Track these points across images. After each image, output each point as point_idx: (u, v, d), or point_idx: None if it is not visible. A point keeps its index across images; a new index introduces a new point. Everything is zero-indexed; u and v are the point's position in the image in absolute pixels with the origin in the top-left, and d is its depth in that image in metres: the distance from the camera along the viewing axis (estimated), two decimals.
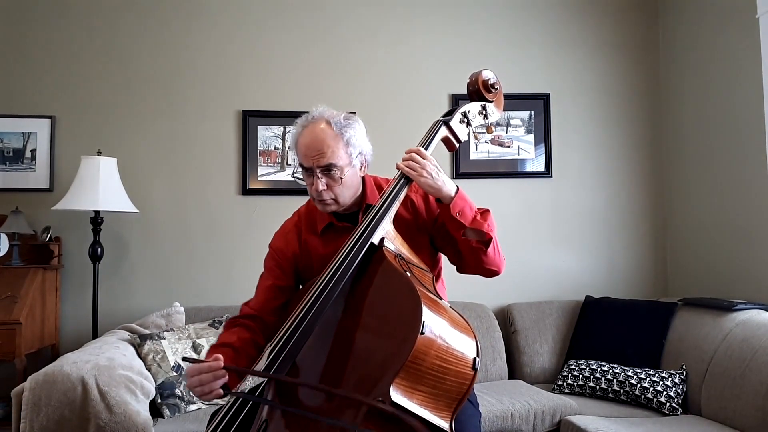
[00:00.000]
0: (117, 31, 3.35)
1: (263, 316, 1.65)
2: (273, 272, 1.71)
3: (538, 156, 3.62)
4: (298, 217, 1.78)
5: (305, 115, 1.64)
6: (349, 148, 1.60)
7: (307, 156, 1.59)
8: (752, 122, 3.02)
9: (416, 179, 1.52)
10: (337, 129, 1.59)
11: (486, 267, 1.59)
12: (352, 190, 1.65)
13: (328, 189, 1.59)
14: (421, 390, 1.21)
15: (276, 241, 1.76)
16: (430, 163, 1.54)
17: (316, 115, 1.62)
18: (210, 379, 1.33)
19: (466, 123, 1.71)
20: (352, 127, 1.62)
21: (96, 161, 2.98)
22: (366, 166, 1.70)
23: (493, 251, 1.57)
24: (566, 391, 2.92)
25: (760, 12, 2.95)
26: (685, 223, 3.54)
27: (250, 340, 1.58)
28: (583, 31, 3.70)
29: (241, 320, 1.64)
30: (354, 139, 1.61)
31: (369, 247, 1.44)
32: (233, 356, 1.51)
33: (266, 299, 1.67)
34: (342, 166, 1.59)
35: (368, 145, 1.68)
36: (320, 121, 1.60)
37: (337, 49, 3.49)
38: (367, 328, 1.33)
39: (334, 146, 1.57)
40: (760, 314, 2.70)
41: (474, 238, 1.55)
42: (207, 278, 3.32)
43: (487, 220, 1.56)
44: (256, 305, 1.67)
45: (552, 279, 3.59)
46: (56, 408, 2.15)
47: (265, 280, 1.71)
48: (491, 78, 1.74)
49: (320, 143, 1.57)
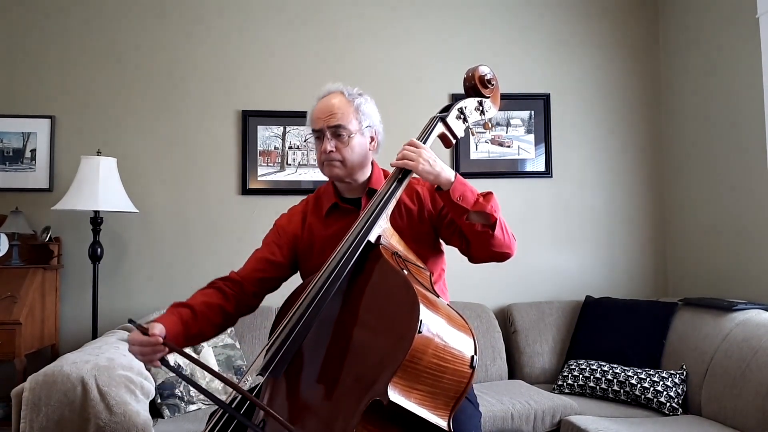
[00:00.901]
0: (117, 31, 3.35)
1: (245, 284, 1.69)
2: (269, 246, 1.76)
3: (538, 156, 3.62)
4: (306, 203, 1.84)
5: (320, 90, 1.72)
6: (360, 115, 1.68)
7: (318, 118, 1.67)
8: (752, 122, 3.02)
9: (413, 168, 1.53)
10: (349, 97, 1.69)
11: (495, 250, 1.58)
12: (360, 158, 1.69)
13: (337, 150, 1.65)
14: (418, 388, 1.21)
15: (281, 219, 1.83)
16: (425, 150, 1.55)
17: (331, 87, 1.72)
18: (149, 351, 1.38)
19: (462, 119, 1.71)
20: (363, 98, 1.71)
21: (96, 161, 2.98)
22: (377, 144, 1.75)
23: (501, 233, 1.55)
24: (566, 391, 2.92)
25: (760, 12, 2.95)
26: (686, 223, 3.54)
27: (217, 305, 1.62)
28: (583, 31, 3.70)
29: (220, 282, 1.69)
30: (365, 108, 1.69)
31: (366, 245, 1.44)
32: (190, 319, 1.55)
33: (254, 269, 1.72)
34: (351, 129, 1.66)
35: (380, 124, 1.75)
36: (334, 92, 1.70)
37: (337, 49, 3.49)
38: (365, 326, 1.33)
39: (345, 110, 1.66)
40: (760, 314, 2.69)
41: (479, 222, 1.54)
42: (207, 278, 3.27)
43: (490, 201, 1.55)
44: (242, 272, 1.72)
45: (552, 279, 3.59)
46: (56, 408, 2.15)
47: (259, 252, 1.76)
48: (488, 73, 1.74)
49: (332, 106, 1.66)
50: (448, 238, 1.71)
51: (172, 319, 1.52)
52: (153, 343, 1.37)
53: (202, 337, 1.61)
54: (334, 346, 1.36)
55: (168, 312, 1.55)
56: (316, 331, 1.38)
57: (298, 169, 3.42)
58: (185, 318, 1.54)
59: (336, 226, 1.66)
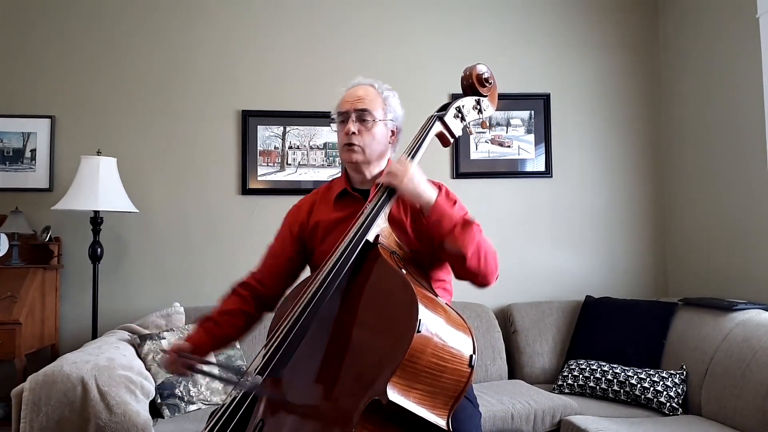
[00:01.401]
0: (117, 32, 3.35)
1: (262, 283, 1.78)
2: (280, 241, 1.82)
3: (538, 156, 3.62)
4: (316, 192, 1.87)
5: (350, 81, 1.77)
6: (386, 106, 1.72)
7: (346, 101, 1.71)
8: (752, 122, 3.02)
9: (396, 186, 1.52)
10: (379, 89, 1.73)
11: (470, 278, 1.57)
12: (380, 148, 1.71)
13: (359, 134, 1.67)
14: (417, 388, 1.21)
15: (289, 212, 1.87)
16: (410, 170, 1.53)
17: (361, 79, 1.77)
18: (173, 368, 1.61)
19: (460, 118, 1.72)
20: (392, 92, 1.76)
21: (96, 161, 2.98)
22: (396, 138, 1.78)
23: (477, 263, 1.51)
24: (566, 391, 2.92)
25: (760, 12, 2.95)
26: (686, 223, 3.54)
27: (237, 310, 1.74)
28: (583, 31, 3.70)
29: (239, 288, 1.79)
30: (391, 101, 1.74)
31: (364, 245, 1.44)
32: (214, 328, 1.70)
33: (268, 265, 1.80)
34: (376, 115, 1.69)
35: (402, 121, 1.78)
36: (364, 83, 1.75)
37: (337, 49, 3.49)
38: (364, 326, 1.33)
39: (373, 98, 1.70)
40: (760, 314, 2.69)
41: (453, 250, 1.52)
42: (207, 278, 3.32)
43: (466, 234, 1.49)
44: (257, 271, 1.81)
45: (552, 279, 3.59)
46: (56, 408, 2.15)
47: (272, 247, 1.83)
48: (485, 72, 1.74)
49: (362, 92, 1.71)
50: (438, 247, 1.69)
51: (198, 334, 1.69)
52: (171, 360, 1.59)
53: (228, 338, 1.76)
54: (333, 346, 1.36)
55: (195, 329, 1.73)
56: (314, 331, 1.38)
57: (298, 169, 3.42)
58: (209, 329, 1.70)
59: (343, 212, 1.68)
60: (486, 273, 1.55)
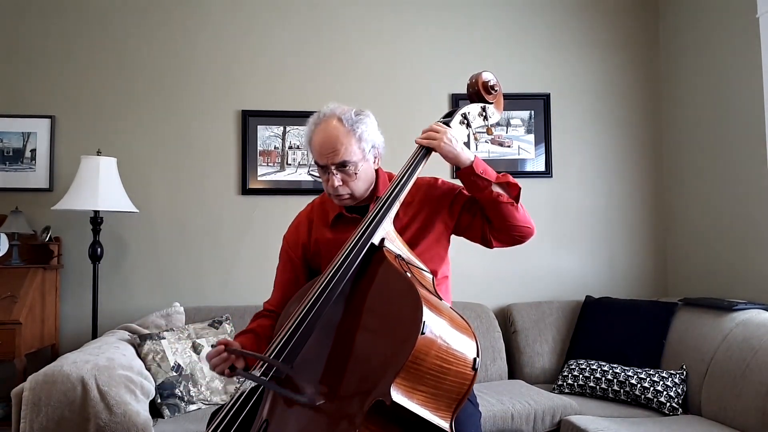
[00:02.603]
0: (117, 32, 3.35)
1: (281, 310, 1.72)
2: (286, 266, 1.80)
3: (538, 156, 3.62)
4: (311, 208, 1.84)
5: (317, 113, 1.69)
6: (362, 143, 1.64)
7: (321, 154, 1.63)
8: (752, 122, 3.02)
9: (437, 146, 1.58)
10: (349, 125, 1.62)
11: (519, 224, 1.63)
12: (367, 184, 1.70)
13: (344, 184, 1.64)
14: (421, 390, 1.21)
15: (288, 234, 1.84)
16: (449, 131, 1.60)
17: (327, 112, 1.66)
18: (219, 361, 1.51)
19: (466, 124, 1.72)
20: (363, 122, 1.65)
21: (96, 161, 2.98)
22: (379, 158, 1.74)
23: (522, 209, 1.63)
24: (566, 391, 2.92)
25: (760, 12, 2.95)
26: (685, 223, 3.54)
27: (270, 326, 1.71)
28: (583, 31, 3.70)
29: (263, 312, 1.78)
30: (366, 134, 1.65)
31: (369, 248, 1.44)
32: (254, 340, 1.66)
33: (282, 294, 1.76)
34: (356, 161, 1.62)
35: (380, 138, 1.72)
36: (332, 118, 1.64)
37: (337, 49, 3.49)
38: (368, 328, 1.34)
39: (347, 143, 1.61)
40: (760, 314, 2.70)
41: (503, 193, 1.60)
42: (207, 278, 3.32)
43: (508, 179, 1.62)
44: (273, 301, 1.78)
45: (552, 279, 3.59)
46: (56, 408, 2.15)
47: (281, 275, 1.81)
48: (491, 79, 1.75)
49: (334, 141, 1.60)
50: (468, 225, 1.72)
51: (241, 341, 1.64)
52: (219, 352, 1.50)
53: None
54: (337, 348, 1.36)
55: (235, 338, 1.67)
56: (319, 332, 1.39)
57: (298, 169, 3.42)
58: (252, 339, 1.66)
59: (341, 235, 1.64)
60: (530, 220, 1.66)
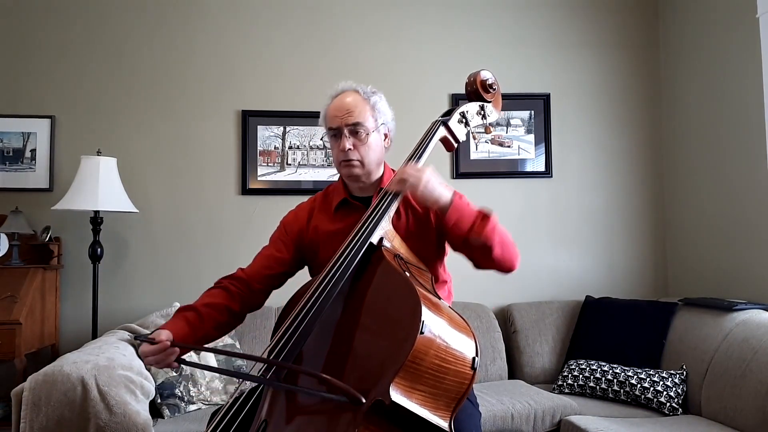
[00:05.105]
0: (117, 32, 3.35)
1: (251, 282, 1.71)
2: (275, 244, 1.79)
3: (538, 156, 3.62)
4: (314, 200, 1.84)
5: (334, 89, 1.73)
6: (375, 113, 1.69)
7: (336, 116, 1.66)
8: (752, 122, 3.02)
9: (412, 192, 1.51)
10: (365, 95, 1.70)
11: (496, 266, 1.58)
12: (377, 156, 1.70)
13: (355, 149, 1.65)
14: (420, 389, 1.21)
15: (287, 216, 1.84)
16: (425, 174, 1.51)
17: (344, 86, 1.72)
18: (162, 357, 1.43)
19: (464, 123, 1.72)
20: (378, 95, 1.73)
21: (96, 161, 2.98)
22: (390, 141, 1.76)
23: (500, 251, 1.53)
24: (566, 391, 2.92)
25: (760, 12, 2.95)
26: (685, 223, 3.54)
27: (222, 305, 1.64)
28: (583, 31, 3.70)
29: (226, 281, 1.71)
30: (380, 105, 1.71)
31: (368, 247, 1.44)
32: (196, 321, 1.58)
33: (260, 266, 1.74)
34: (368, 127, 1.66)
35: (392, 122, 1.76)
36: (349, 90, 1.71)
37: (337, 49, 3.49)
38: (367, 327, 1.33)
39: (362, 108, 1.67)
40: (760, 314, 2.70)
41: (477, 244, 1.53)
42: (207, 278, 3.25)
43: (486, 226, 1.51)
44: (248, 270, 1.74)
45: (552, 279, 3.59)
46: (56, 408, 2.15)
47: (266, 249, 1.79)
48: (489, 78, 1.75)
49: (349, 104, 1.67)
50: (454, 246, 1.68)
51: (178, 323, 1.55)
52: (162, 349, 1.42)
53: (209, 337, 1.63)
54: (336, 348, 1.36)
55: (174, 317, 1.58)
56: (318, 333, 1.39)
57: (298, 169, 3.42)
58: (191, 320, 1.57)
59: (343, 222, 1.67)
60: (511, 258, 1.58)
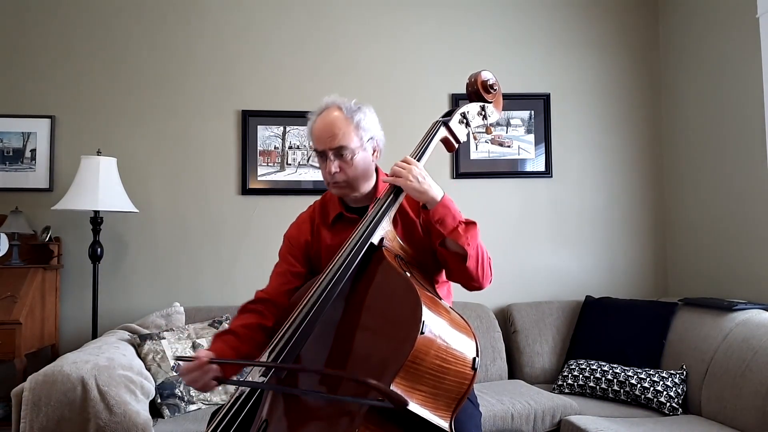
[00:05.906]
0: (117, 32, 3.35)
1: (275, 300, 1.70)
2: (286, 259, 1.77)
3: (538, 156, 3.62)
4: (312, 209, 1.83)
5: (319, 105, 1.71)
6: (360, 131, 1.66)
7: (320, 139, 1.65)
8: (752, 122, 3.02)
9: (402, 184, 1.52)
10: (348, 113, 1.66)
11: (464, 279, 1.57)
12: (365, 175, 1.69)
13: (341, 171, 1.64)
14: (420, 389, 1.21)
15: (290, 231, 1.83)
16: (416, 168, 1.53)
17: (328, 102, 1.70)
18: (201, 375, 1.42)
19: (465, 124, 1.71)
20: (362, 112, 1.68)
21: (96, 161, 2.98)
22: (379, 152, 1.75)
23: (474, 265, 1.53)
24: (566, 391, 2.92)
25: (760, 12, 2.95)
26: (685, 223, 3.54)
27: (256, 325, 1.63)
28: (583, 31, 3.70)
29: (251, 306, 1.70)
30: (364, 123, 1.67)
31: (369, 248, 1.44)
32: (236, 343, 1.57)
33: (278, 284, 1.73)
34: (353, 148, 1.64)
35: (380, 132, 1.74)
36: (332, 108, 1.67)
37: (337, 49, 3.49)
38: (367, 327, 1.34)
39: (345, 129, 1.64)
40: (760, 314, 2.70)
41: (454, 249, 1.53)
42: (207, 278, 3.32)
43: (468, 233, 1.51)
44: (268, 289, 1.73)
45: (552, 279, 3.59)
46: (56, 408, 2.15)
47: (278, 266, 1.78)
48: (490, 79, 1.75)
49: (332, 126, 1.64)
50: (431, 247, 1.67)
51: (219, 346, 1.55)
52: (199, 366, 1.42)
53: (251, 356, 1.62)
54: (337, 347, 1.36)
55: (213, 342, 1.59)
56: (319, 332, 1.39)
57: (298, 169, 3.42)
58: (232, 344, 1.57)
59: (340, 236, 1.64)
60: (481, 276, 1.57)
